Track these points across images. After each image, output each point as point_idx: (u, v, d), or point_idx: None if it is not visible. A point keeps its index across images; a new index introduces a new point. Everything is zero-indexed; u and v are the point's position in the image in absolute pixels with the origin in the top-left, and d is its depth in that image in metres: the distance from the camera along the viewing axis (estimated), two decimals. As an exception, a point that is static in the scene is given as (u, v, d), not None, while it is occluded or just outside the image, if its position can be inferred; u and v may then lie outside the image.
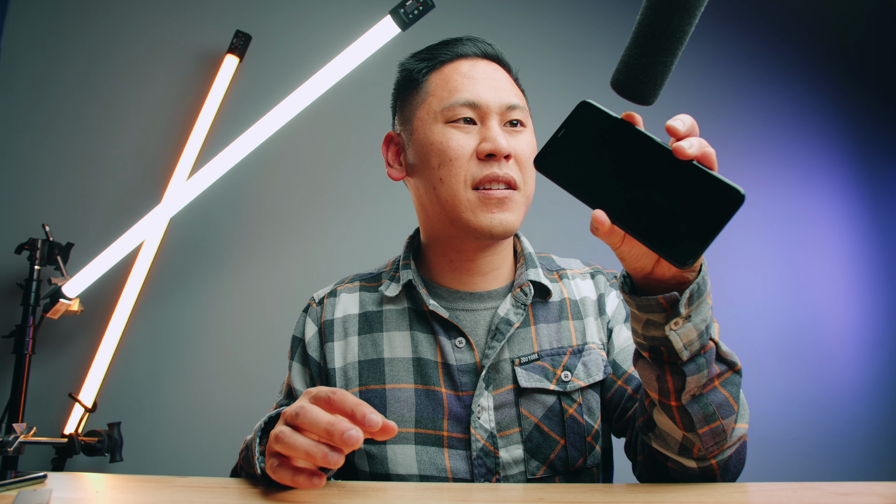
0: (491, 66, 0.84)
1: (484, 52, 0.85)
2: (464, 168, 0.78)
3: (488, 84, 0.81)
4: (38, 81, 1.71)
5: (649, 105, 0.55)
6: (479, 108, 0.79)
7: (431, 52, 0.85)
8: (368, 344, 0.83)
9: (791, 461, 2.07)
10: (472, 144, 0.78)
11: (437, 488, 0.65)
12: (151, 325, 1.69)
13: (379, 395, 0.79)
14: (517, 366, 0.79)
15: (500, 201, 0.77)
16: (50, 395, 1.59)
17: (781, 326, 2.18)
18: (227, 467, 0.89)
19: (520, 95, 0.85)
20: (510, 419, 0.78)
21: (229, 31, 1.75)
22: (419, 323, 0.83)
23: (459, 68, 0.82)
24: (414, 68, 0.86)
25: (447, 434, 0.77)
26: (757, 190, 2.27)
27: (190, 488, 0.63)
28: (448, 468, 0.76)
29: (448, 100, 0.80)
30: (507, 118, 0.80)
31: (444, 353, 0.80)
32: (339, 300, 0.89)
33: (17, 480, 0.62)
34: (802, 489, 0.59)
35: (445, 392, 0.78)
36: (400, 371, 0.80)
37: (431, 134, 0.80)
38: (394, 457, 0.77)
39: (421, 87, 0.84)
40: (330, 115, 1.83)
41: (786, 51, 2.40)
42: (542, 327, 0.83)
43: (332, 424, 0.55)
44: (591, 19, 2.18)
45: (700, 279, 0.56)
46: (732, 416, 0.62)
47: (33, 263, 1.47)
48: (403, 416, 0.78)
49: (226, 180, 1.58)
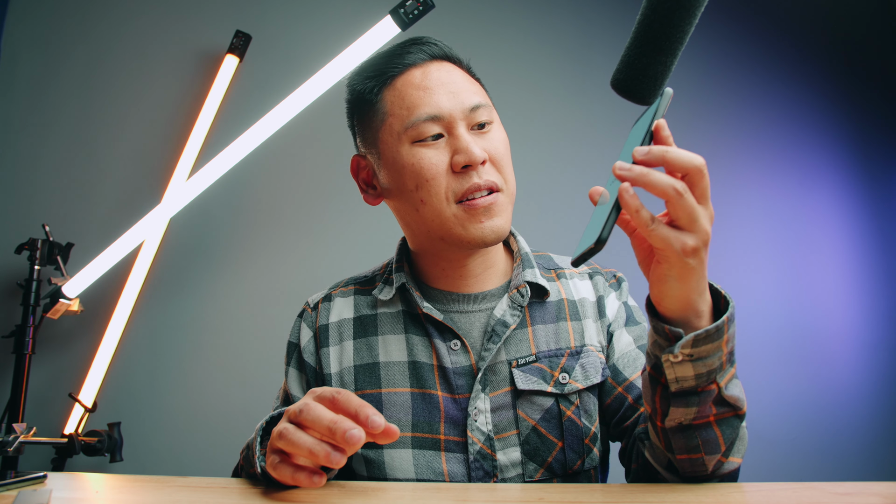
0: (443, 67, 0.80)
1: (432, 55, 0.80)
2: (443, 185, 0.75)
3: (445, 90, 0.77)
4: (38, 81, 1.71)
5: (649, 105, 0.55)
6: (443, 119, 0.75)
7: (378, 68, 0.81)
8: (364, 348, 0.83)
9: (791, 461, 2.07)
10: (445, 160, 0.75)
11: (435, 488, 0.65)
12: (151, 325, 1.69)
13: (375, 399, 0.79)
14: (514, 368, 0.78)
15: (486, 209, 0.76)
16: (50, 395, 1.59)
17: (781, 326, 2.18)
18: (227, 467, 0.89)
19: (479, 91, 0.81)
20: (507, 421, 0.77)
21: (229, 31, 1.75)
22: (414, 326, 0.82)
23: (411, 80, 0.78)
24: (364, 88, 0.81)
25: (444, 437, 0.76)
26: (757, 190, 2.27)
27: (190, 488, 0.63)
28: (445, 472, 0.75)
29: (409, 118, 0.76)
30: (474, 121, 0.77)
31: (440, 355, 0.79)
32: (334, 304, 0.88)
33: (17, 480, 0.62)
34: (802, 489, 0.59)
35: (441, 395, 0.78)
36: (395, 375, 0.80)
37: (400, 157, 0.77)
38: (391, 461, 0.76)
39: (376, 107, 0.80)
40: (330, 116, 1.82)
41: (786, 51, 2.40)
42: (539, 328, 0.82)
43: (335, 423, 0.55)
44: (591, 19, 2.18)
45: (714, 328, 0.55)
46: (717, 454, 0.62)
47: (33, 263, 1.47)
48: (400, 420, 0.77)
49: (226, 180, 1.58)
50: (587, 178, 2.03)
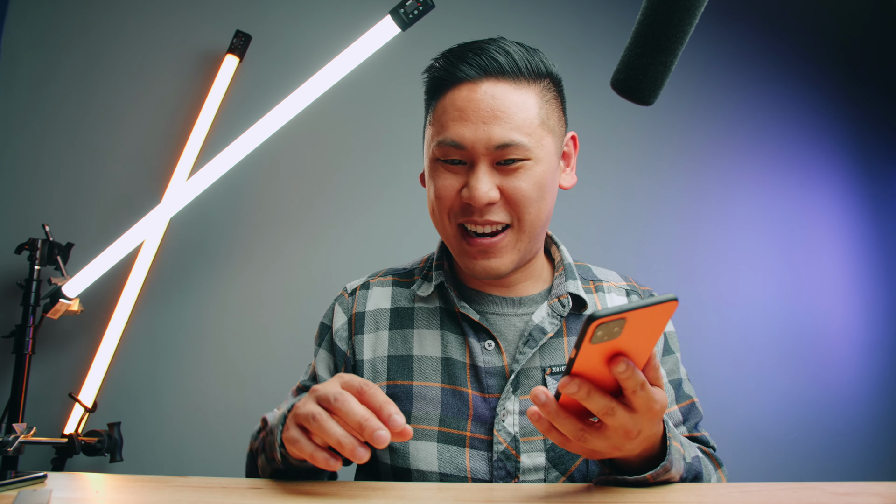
0: (494, 87, 0.75)
1: (486, 71, 0.75)
2: (447, 208, 0.78)
3: (479, 119, 0.74)
4: (38, 81, 1.71)
5: (649, 105, 0.55)
6: (465, 150, 0.75)
7: (439, 72, 0.79)
8: (399, 340, 0.84)
9: (791, 461, 2.07)
10: (457, 186, 0.77)
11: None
12: (151, 325, 1.69)
13: (406, 391, 0.80)
14: (548, 374, 0.80)
15: (483, 250, 0.77)
16: (50, 395, 1.59)
17: (781, 326, 2.18)
18: (228, 467, 0.89)
19: (525, 124, 0.75)
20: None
21: (229, 31, 1.75)
22: (450, 322, 0.83)
23: (455, 99, 0.76)
24: (426, 87, 0.83)
25: (470, 434, 0.77)
26: (757, 190, 2.27)
27: (190, 488, 0.63)
28: (468, 468, 0.76)
29: (438, 136, 0.77)
30: (500, 158, 0.75)
31: (473, 354, 0.80)
32: (372, 293, 0.89)
33: (17, 480, 0.62)
34: (802, 489, 0.59)
35: (472, 393, 0.79)
36: (428, 369, 0.81)
37: (429, 165, 0.81)
38: (416, 452, 0.77)
39: (429, 106, 0.82)
40: (330, 116, 1.83)
41: (786, 50, 2.40)
42: (574, 340, 0.82)
43: (366, 420, 0.57)
44: (591, 19, 2.18)
45: (659, 473, 0.62)
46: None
47: (33, 263, 1.47)
48: (429, 413, 0.78)
49: (226, 180, 1.58)
50: (587, 178, 2.03)
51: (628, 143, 2.15)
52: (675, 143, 2.20)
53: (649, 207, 2.14)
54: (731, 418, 2.01)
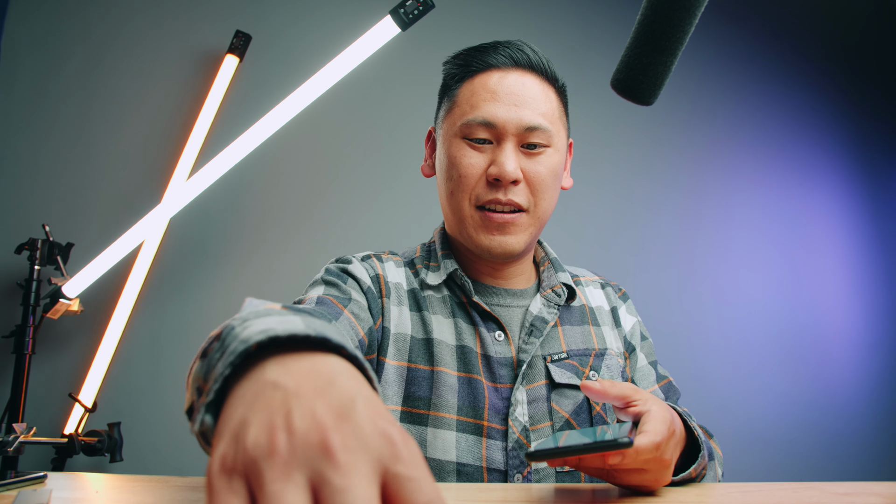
0: (523, 76, 0.81)
1: (516, 61, 0.82)
2: (470, 187, 0.80)
3: (510, 101, 0.79)
4: (38, 81, 1.71)
5: (649, 105, 0.55)
6: (496, 128, 0.79)
7: (467, 59, 0.84)
8: (418, 322, 0.83)
9: (791, 461, 2.07)
10: (483, 165, 0.80)
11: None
12: (151, 325, 1.69)
13: (427, 376, 0.79)
14: (549, 362, 0.82)
15: (500, 225, 0.80)
16: (50, 395, 1.59)
17: (781, 326, 2.18)
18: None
19: (549, 112, 0.82)
20: (542, 413, 0.80)
21: (229, 31, 1.75)
22: (461, 312, 0.84)
23: (486, 82, 0.81)
24: (449, 74, 0.86)
25: (487, 424, 0.78)
26: (757, 190, 2.27)
27: (190, 488, 0.63)
28: (484, 457, 0.76)
29: (468, 115, 0.80)
30: (526, 140, 0.80)
31: (485, 344, 0.81)
32: (387, 266, 0.88)
33: (17, 480, 0.62)
34: (802, 489, 0.59)
35: (486, 382, 0.80)
36: (446, 356, 0.81)
37: (450, 146, 0.82)
38: (434, 440, 0.76)
39: (453, 94, 0.85)
40: (330, 115, 1.83)
41: (786, 51, 2.40)
42: (567, 329, 0.86)
43: None
44: (591, 19, 2.18)
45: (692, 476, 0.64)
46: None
47: (33, 263, 1.47)
48: (448, 401, 0.78)
49: (226, 180, 1.58)
50: (586, 178, 2.03)
51: (628, 143, 2.15)
52: (675, 143, 2.21)
53: (649, 207, 2.14)
54: (731, 418, 2.01)
